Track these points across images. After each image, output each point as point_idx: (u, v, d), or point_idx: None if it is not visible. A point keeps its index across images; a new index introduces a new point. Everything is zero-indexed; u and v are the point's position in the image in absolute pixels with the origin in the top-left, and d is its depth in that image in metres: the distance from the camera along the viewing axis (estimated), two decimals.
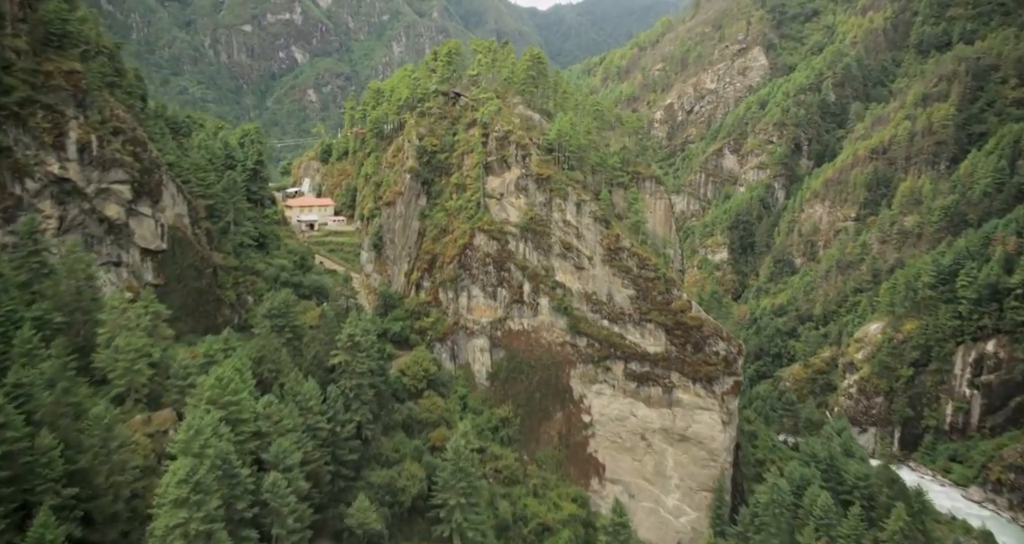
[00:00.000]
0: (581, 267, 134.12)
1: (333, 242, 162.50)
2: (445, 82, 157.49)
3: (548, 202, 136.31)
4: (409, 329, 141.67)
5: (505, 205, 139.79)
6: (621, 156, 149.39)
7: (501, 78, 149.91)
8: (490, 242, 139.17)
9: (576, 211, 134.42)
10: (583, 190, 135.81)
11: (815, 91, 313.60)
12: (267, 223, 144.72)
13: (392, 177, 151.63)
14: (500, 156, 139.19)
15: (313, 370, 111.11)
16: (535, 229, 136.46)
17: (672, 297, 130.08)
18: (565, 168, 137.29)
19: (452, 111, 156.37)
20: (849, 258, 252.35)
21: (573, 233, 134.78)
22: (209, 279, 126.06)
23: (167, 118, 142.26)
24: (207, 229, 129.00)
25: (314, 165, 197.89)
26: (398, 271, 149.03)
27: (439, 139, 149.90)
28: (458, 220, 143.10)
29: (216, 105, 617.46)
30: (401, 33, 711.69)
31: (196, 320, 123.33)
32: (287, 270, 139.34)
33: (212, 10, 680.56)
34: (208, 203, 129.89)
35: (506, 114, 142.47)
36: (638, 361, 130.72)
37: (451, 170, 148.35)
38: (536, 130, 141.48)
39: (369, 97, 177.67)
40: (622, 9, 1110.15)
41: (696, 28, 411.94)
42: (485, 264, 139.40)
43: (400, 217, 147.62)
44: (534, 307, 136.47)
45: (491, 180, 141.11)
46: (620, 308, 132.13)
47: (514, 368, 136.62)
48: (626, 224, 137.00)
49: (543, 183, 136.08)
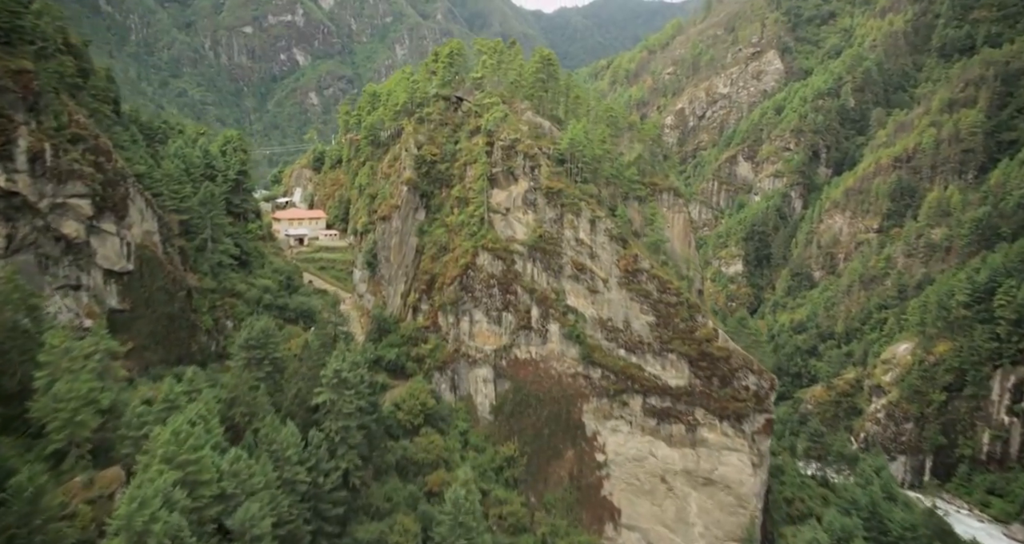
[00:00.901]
0: (595, 290, 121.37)
1: (324, 259, 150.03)
2: (446, 85, 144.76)
3: (559, 218, 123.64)
4: (405, 357, 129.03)
5: (511, 221, 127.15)
6: (638, 167, 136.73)
7: (508, 81, 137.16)
8: (495, 262, 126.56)
9: (590, 228, 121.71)
10: (598, 205, 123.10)
11: (834, 96, 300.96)
12: (250, 239, 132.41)
13: (388, 189, 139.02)
14: (506, 167, 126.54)
15: (294, 411, 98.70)
16: (544, 248, 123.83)
17: (696, 325, 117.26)
18: (578, 181, 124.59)
19: (454, 117, 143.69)
20: (872, 272, 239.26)
21: (586, 253, 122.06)
22: (182, 303, 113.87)
23: (141, 124, 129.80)
24: (181, 247, 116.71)
25: (306, 173, 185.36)
26: (394, 292, 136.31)
27: (439, 148, 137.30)
28: (459, 237, 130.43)
29: (216, 108, 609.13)
30: (404, 35, 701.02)
31: (167, 349, 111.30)
32: (271, 291, 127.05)
33: (212, 11, 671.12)
34: (182, 218, 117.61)
35: (513, 121, 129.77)
36: (658, 395, 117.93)
37: (452, 182, 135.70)
38: (546, 139, 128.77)
39: (364, 101, 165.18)
40: (628, 12, 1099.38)
41: (708, 31, 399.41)
42: (489, 286, 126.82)
43: (396, 233, 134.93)
44: (543, 334, 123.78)
45: (496, 193, 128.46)
46: (638, 336, 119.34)
47: (520, 401, 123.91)
48: (645, 243, 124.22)
49: (553, 197, 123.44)
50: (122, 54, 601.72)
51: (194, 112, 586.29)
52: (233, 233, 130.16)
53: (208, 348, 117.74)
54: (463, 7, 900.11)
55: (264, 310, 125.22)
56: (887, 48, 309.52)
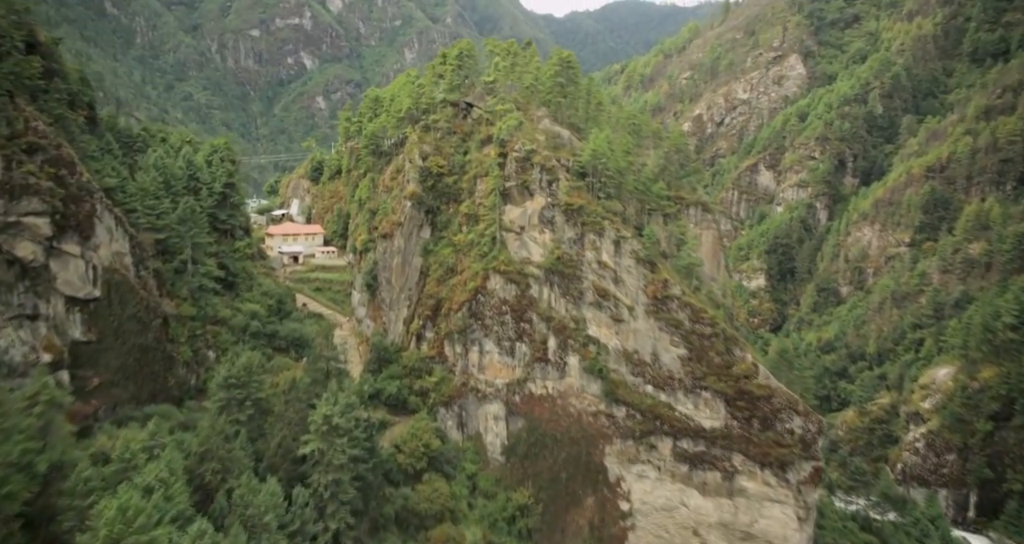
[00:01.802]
0: (620, 319, 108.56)
1: (320, 279, 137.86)
2: (455, 90, 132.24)
3: (579, 238, 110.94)
4: (407, 390, 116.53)
5: (526, 241, 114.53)
6: (664, 179, 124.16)
7: (523, 86, 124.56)
8: (507, 286, 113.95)
9: (614, 250, 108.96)
10: (623, 224, 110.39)
11: (860, 102, 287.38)
12: (238, 258, 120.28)
13: (390, 204, 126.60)
14: (521, 181, 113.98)
15: (277, 463, 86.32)
16: (563, 271, 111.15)
17: (733, 359, 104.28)
18: (600, 197, 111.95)
19: (463, 125, 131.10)
20: (906, 289, 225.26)
21: (610, 277, 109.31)
22: (157, 333, 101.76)
23: (118, 131, 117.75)
24: (156, 270, 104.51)
25: (304, 184, 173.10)
26: (395, 317, 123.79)
27: (447, 159, 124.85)
28: (468, 258, 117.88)
29: (221, 112, 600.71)
30: (413, 39, 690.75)
31: (139, 385, 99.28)
32: (259, 317, 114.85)
33: (219, 14, 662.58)
34: (159, 237, 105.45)
35: (528, 130, 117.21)
36: (691, 438, 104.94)
37: (461, 197, 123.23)
38: (565, 150, 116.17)
39: (366, 107, 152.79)
40: (640, 17, 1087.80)
41: (726, 34, 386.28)
42: (501, 313, 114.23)
43: (399, 252, 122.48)
44: (561, 367, 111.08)
45: (510, 210, 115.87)
46: (668, 371, 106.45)
47: (535, 441, 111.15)
48: (675, 266, 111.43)
49: (574, 215, 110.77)
50: (127, 57, 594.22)
51: (199, 116, 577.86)
52: (218, 252, 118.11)
53: (187, 382, 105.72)
54: (473, 11, 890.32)
55: (251, 338, 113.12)
56: (915, 52, 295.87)
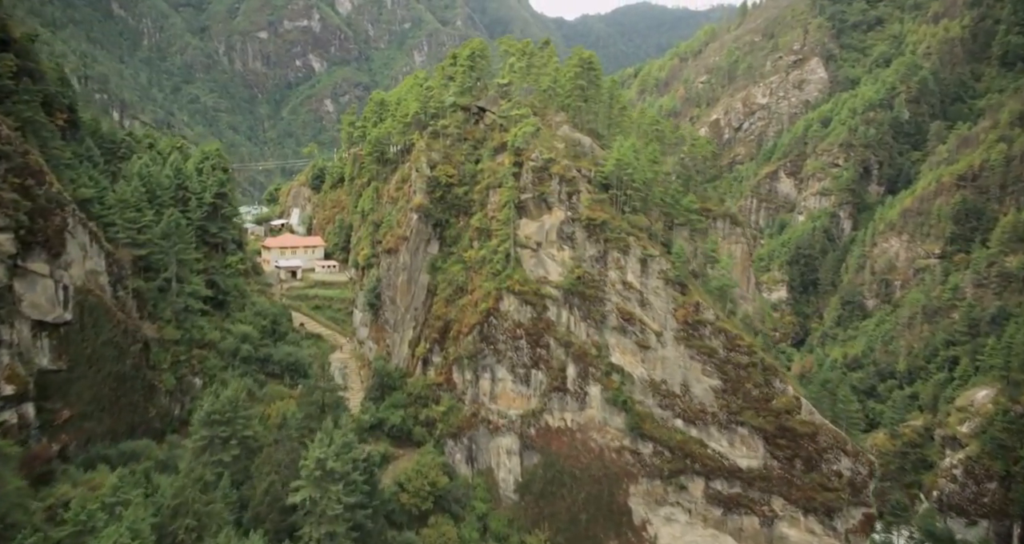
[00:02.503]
0: (646, 346, 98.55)
1: (320, 297, 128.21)
2: (466, 93, 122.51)
3: (602, 256, 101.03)
4: (412, 420, 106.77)
5: (544, 259, 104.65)
6: (690, 190, 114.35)
7: (540, 89, 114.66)
8: (523, 307, 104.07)
9: (640, 269, 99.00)
10: (649, 241, 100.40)
11: (886, 108, 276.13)
12: (229, 275, 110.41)
13: (395, 216, 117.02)
14: (538, 193, 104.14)
15: (263, 513, 76.61)
16: (584, 292, 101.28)
17: (774, 391, 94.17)
18: (625, 211, 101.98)
19: (474, 131, 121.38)
20: (937, 304, 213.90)
21: (636, 299, 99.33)
22: (136, 359, 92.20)
23: (101, 136, 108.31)
24: (136, 290, 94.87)
25: (305, 192, 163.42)
26: (400, 340, 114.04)
27: (456, 168, 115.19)
28: (480, 276, 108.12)
29: (228, 115, 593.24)
30: (423, 42, 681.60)
31: (115, 417, 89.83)
32: (251, 340, 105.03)
33: (227, 16, 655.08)
34: (140, 253, 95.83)
35: (546, 136, 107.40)
36: (725, 479, 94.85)
37: (472, 209, 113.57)
38: (586, 159, 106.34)
39: (370, 110, 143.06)
40: (652, 20, 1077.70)
41: (744, 37, 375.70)
42: (515, 337, 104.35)
43: (404, 269, 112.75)
44: (581, 397, 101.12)
45: (525, 225, 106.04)
46: (700, 404, 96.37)
47: (552, 479, 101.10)
48: (707, 287, 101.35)
49: (596, 230, 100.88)
50: (133, 59, 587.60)
51: (206, 119, 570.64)
52: (208, 268, 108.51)
53: (169, 412, 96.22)
54: (483, 14, 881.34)
55: (241, 364, 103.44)
56: (942, 56, 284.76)
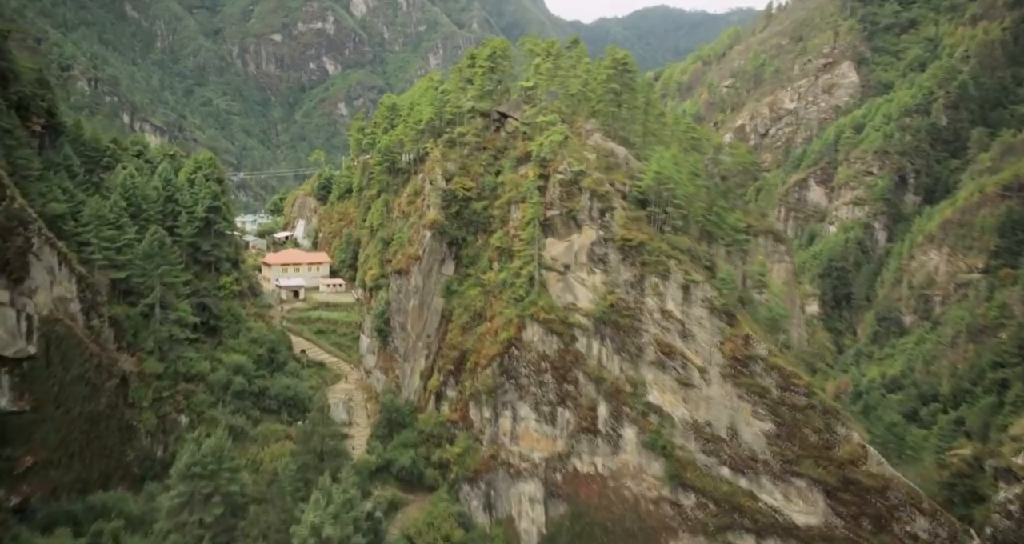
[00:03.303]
0: (688, 383, 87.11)
1: (324, 319, 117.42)
2: (486, 98, 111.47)
3: (638, 281, 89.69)
4: (424, 462, 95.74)
5: (572, 283, 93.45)
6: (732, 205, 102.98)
7: (569, 93, 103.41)
8: (548, 337, 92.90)
9: (682, 297, 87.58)
10: (692, 264, 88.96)
11: (923, 114, 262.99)
12: (222, 297, 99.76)
13: (406, 233, 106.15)
14: (566, 209, 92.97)
15: None
16: (617, 322, 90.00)
17: (836, 438, 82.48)
18: (665, 230, 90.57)
19: (495, 140, 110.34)
20: (982, 322, 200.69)
21: (676, 330, 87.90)
22: (111, 397, 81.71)
23: (83, 143, 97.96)
24: (113, 318, 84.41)
25: (311, 203, 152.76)
26: (411, 370, 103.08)
27: (475, 180, 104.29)
28: (500, 302, 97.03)
29: (241, 118, 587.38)
30: (438, 45, 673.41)
31: (86, 464, 79.41)
32: (245, 372, 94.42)
33: (241, 18, 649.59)
34: (119, 276, 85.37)
35: (576, 146, 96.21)
36: (779, 537, 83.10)
37: (491, 227, 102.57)
38: (620, 171, 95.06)
39: (380, 115, 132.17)
40: (670, 23, 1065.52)
41: (770, 40, 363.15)
42: (540, 370, 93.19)
43: (416, 292, 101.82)
44: (613, 440, 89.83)
45: (552, 245, 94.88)
46: (750, 451, 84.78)
47: (581, 532, 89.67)
48: (755, 316, 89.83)
49: (631, 252, 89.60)
50: (146, 62, 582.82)
51: (218, 122, 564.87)
52: (198, 290, 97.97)
53: (151, 456, 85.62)
54: (500, 16, 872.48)
55: (233, 399, 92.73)
56: (982, 60, 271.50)
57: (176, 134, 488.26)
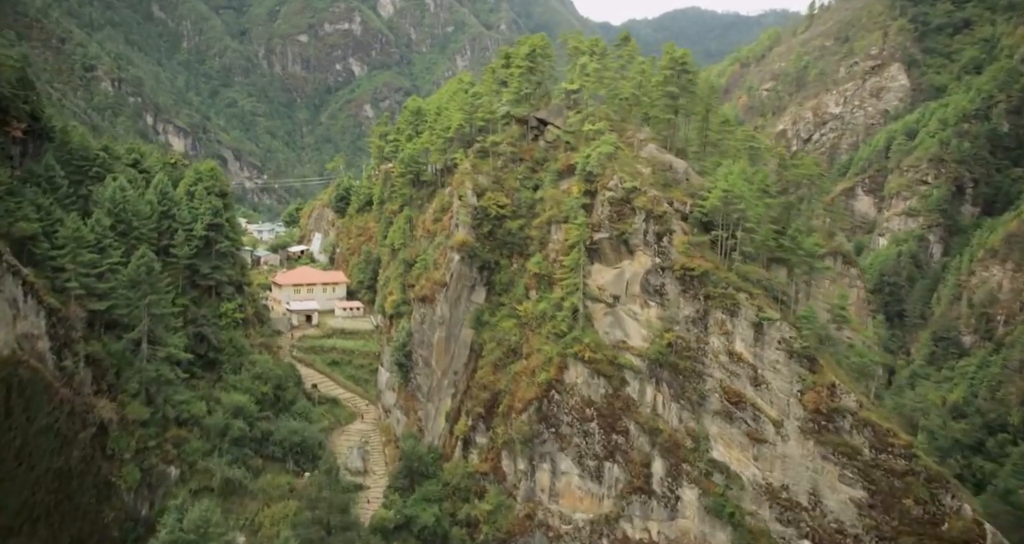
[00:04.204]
0: (761, 438, 73.92)
1: (339, 349, 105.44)
2: (523, 102, 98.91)
3: (702, 317, 76.75)
4: (449, 520, 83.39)
5: (623, 317, 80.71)
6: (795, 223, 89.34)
7: (619, 97, 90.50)
8: (594, 380, 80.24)
9: (754, 336, 74.46)
10: (766, 298, 75.77)
11: (982, 119, 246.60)
12: (223, 326, 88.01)
13: (432, 254, 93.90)
14: (617, 232, 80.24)
15: None
16: (676, 364, 77.09)
17: (943, 510, 68.90)
18: (734, 258, 77.44)
19: (533, 150, 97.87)
20: None
21: (747, 376, 74.79)
22: (86, 450, 70.08)
23: (70, 150, 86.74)
24: (91, 356, 72.78)
25: (328, 215, 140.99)
26: (435, 412, 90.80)
27: (510, 196, 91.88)
28: (539, 337, 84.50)
29: (266, 119, 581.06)
30: (466, 46, 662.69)
31: (55, 530, 67.63)
32: (246, 414, 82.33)
33: (268, 19, 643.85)
34: (99, 307, 73.76)
35: (628, 159, 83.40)
36: None
37: (529, 250, 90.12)
38: (680, 188, 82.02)
39: (404, 121, 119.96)
40: (702, 26, 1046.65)
41: (813, 41, 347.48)
42: (584, 418, 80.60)
43: (442, 323, 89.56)
44: (671, 503, 76.89)
45: (599, 272, 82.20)
46: (836, 521, 71.34)
47: None
48: (840, 360, 76.42)
49: (694, 283, 76.67)
50: (172, 62, 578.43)
51: (243, 123, 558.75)
52: (196, 318, 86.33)
53: (133, 515, 73.89)
54: (528, 18, 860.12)
55: (232, 446, 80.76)
56: None
57: (200, 136, 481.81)
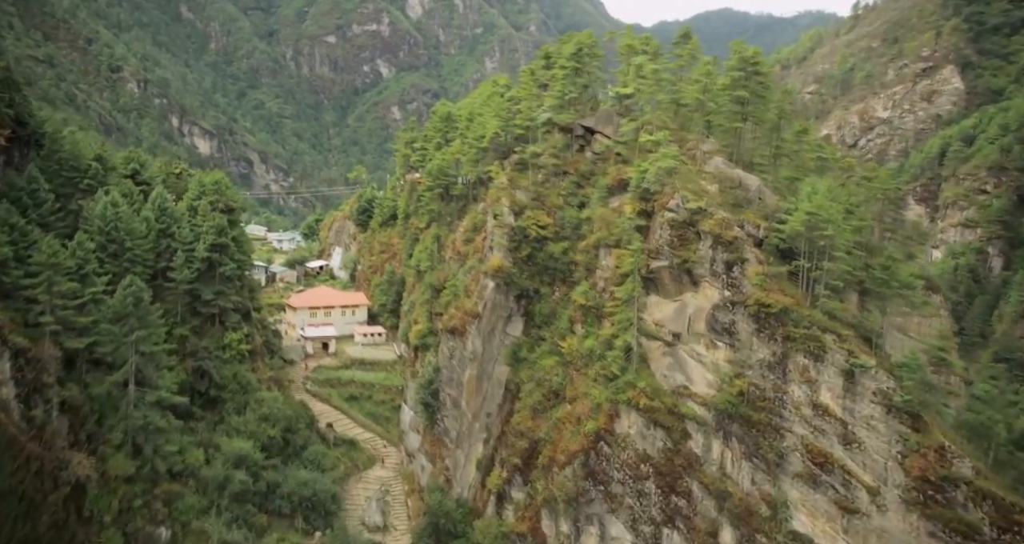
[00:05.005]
0: (852, 508, 62.09)
1: (358, 382, 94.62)
2: (567, 107, 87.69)
3: (780, 362, 65.07)
4: None
5: (685, 359, 69.25)
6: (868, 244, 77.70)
7: (680, 102, 79.08)
8: (651, 431, 68.86)
9: (844, 386, 62.76)
10: (857, 341, 63.96)
11: None
12: (227, 360, 77.72)
13: (463, 280, 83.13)
14: (679, 260, 68.80)
15: None
16: (750, 416, 65.52)
17: None
18: (819, 293, 65.68)
19: (579, 162, 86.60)
20: None
21: (836, 433, 63.06)
22: (59, 512, 59.77)
23: (60, 160, 77.13)
24: (67, 403, 62.75)
25: (350, 228, 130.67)
26: (464, 459, 79.86)
27: (552, 215, 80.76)
28: (585, 378, 73.21)
29: (293, 121, 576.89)
30: (495, 48, 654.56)
31: None
32: (249, 463, 71.77)
33: (296, 20, 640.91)
34: (77, 345, 63.70)
35: (691, 174, 71.93)
36: None
37: (573, 276, 78.89)
38: (753, 209, 70.32)
39: (433, 128, 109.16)
40: (734, 27, 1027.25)
41: (859, 42, 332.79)
42: (639, 476, 69.14)
43: (473, 359, 78.66)
44: None
45: (657, 305, 70.84)
46: None
47: None
48: (947, 416, 64.58)
49: (771, 321, 65.08)
50: (199, 63, 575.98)
51: (269, 125, 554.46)
52: (196, 351, 76.16)
53: None
54: (558, 19, 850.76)
55: (233, 501, 70.31)
56: None
57: (226, 138, 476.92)
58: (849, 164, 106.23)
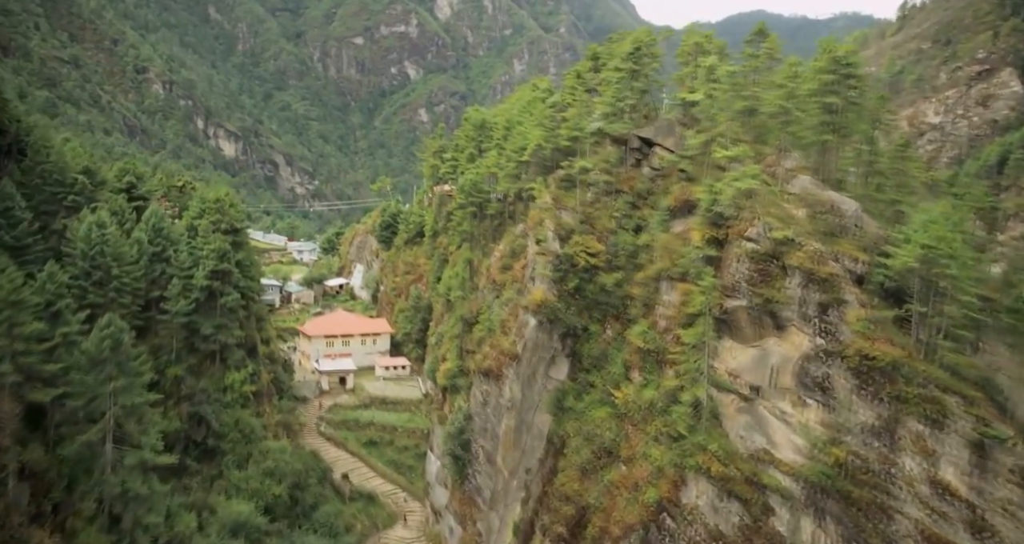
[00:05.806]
0: None
1: (378, 424, 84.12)
2: (621, 116, 76.49)
3: (889, 427, 53.61)
4: None
5: (766, 418, 57.89)
6: None
7: (759, 112, 67.67)
8: (725, 504, 57.58)
9: (972, 461, 51.20)
10: (988, 405, 52.25)
11: None
12: (228, 403, 67.47)
13: (499, 313, 72.26)
14: (760, 299, 57.45)
15: None
16: (849, 492, 54.11)
17: None
18: (935, 347, 53.98)
19: (635, 179, 75.45)
20: None
21: (961, 518, 51.43)
22: None
23: (43, 173, 67.42)
24: (27, 468, 52.56)
25: (372, 244, 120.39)
26: (500, 522, 68.93)
27: (603, 240, 69.61)
28: (644, 435, 62.04)
29: (319, 123, 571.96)
30: (524, 50, 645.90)
31: None
32: (250, 528, 61.33)
33: (324, 21, 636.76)
34: (42, 399, 53.61)
35: (772, 195, 60.48)
36: None
37: (629, 313, 67.70)
38: (850, 239, 58.68)
39: (464, 136, 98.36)
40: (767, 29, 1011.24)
41: (907, 44, 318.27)
42: None
43: (511, 407, 67.80)
44: None
45: (731, 352, 59.56)
46: None
47: None
48: None
49: (877, 377, 53.65)
50: (226, 65, 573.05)
51: (295, 127, 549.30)
52: (192, 394, 65.95)
53: None
54: (588, 21, 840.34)
55: None
56: None
57: (251, 140, 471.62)
58: (933, 178, 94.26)
